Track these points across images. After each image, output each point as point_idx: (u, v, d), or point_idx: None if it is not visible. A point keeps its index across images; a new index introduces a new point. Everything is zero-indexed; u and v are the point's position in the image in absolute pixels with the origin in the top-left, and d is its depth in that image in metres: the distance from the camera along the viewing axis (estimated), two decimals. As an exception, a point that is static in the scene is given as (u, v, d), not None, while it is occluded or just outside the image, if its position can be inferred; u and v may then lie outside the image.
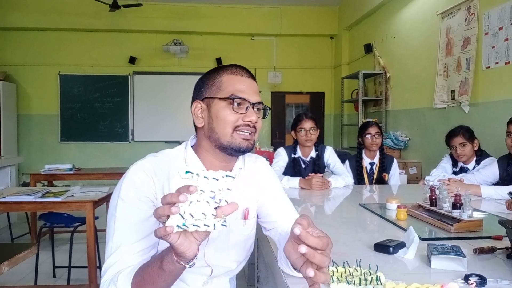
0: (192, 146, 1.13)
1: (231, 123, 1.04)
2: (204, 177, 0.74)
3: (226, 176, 0.75)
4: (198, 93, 1.11)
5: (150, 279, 0.86)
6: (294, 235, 0.76)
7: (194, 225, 0.73)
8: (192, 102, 1.12)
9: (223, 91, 1.05)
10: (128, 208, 0.98)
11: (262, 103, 1.10)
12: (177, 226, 0.73)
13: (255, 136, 1.07)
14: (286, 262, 0.98)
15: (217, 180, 0.74)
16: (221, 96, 1.05)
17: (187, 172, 0.74)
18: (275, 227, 1.17)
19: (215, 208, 0.74)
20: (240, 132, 1.04)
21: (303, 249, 0.73)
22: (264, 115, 1.12)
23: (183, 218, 0.73)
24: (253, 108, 1.06)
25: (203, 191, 0.74)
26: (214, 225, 0.74)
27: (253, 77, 1.11)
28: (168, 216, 0.73)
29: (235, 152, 1.05)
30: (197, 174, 0.74)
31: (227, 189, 0.75)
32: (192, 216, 0.73)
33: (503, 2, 3.46)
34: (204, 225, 0.73)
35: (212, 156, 1.09)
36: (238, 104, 1.04)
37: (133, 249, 0.95)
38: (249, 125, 1.05)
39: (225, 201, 0.75)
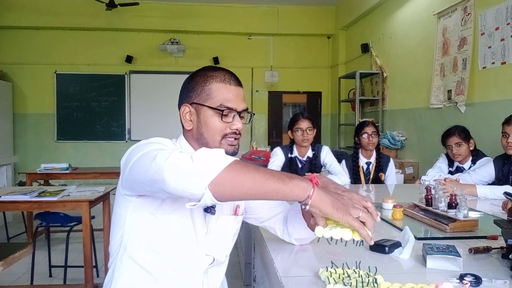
0: None
1: (219, 131, 1.12)
2: None
3: None
4: (187, 96, 1.15)
5: (259, 173, 0.86)
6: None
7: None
8: (181, 103, 1.17)
9: (212, 100, 1.12)
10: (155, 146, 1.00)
11: (247, 109, 1.17)
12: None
13: (239, 140, 1.16)
14: (294, 234, 1.27)
15: None
16: (209, 104, 1.11)
17: None
18: (273, 218, 1.31)
19: None
20: (228, 139, 1.12)
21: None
22: (249, 120, 1.21)
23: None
24: (239, 115, 1.14)
25: None
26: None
27: (240, 84, 1.18)
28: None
29: None
30: None
31: None
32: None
33: (499, 2, 3.47)
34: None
35: None
36: (226, 114, 1.11)
37: None
38: (235, 133, 1.13)
39: None
